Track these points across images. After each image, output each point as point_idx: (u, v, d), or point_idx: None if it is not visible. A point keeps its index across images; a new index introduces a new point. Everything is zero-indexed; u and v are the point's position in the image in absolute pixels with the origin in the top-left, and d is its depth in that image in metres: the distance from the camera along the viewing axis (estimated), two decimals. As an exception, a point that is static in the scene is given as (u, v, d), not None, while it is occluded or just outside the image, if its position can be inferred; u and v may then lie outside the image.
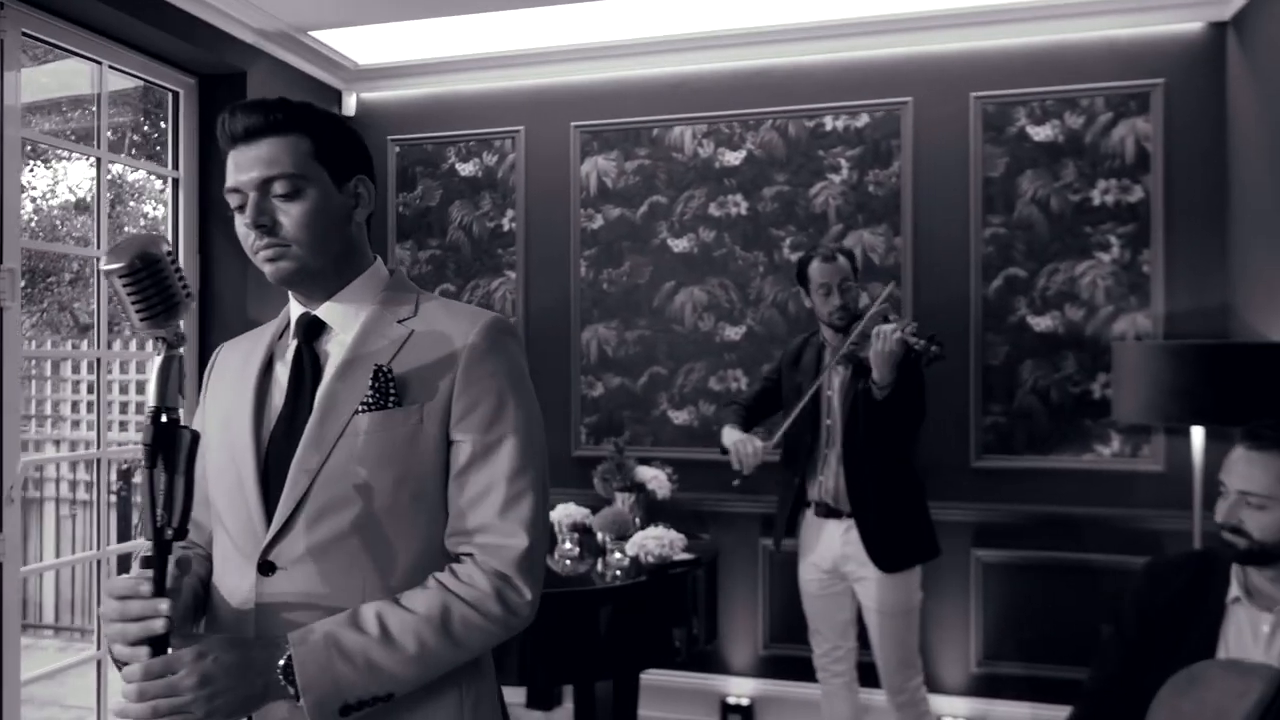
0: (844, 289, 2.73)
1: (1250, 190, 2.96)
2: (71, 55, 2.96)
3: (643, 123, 3.70)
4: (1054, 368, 3.32)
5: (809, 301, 2.82)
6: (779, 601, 3.53)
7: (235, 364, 1.33)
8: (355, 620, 1.12)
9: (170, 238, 3.43)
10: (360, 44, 3.71)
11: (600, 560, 2.66)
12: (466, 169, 3.90)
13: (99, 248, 3.10)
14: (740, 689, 3.57)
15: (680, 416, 3.67)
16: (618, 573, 2.49)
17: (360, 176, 1.29)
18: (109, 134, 3.08)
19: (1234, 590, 1.67)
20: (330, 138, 1.25)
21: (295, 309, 1.30)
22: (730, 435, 2.71)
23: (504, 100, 3.85)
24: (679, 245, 3.67)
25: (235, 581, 1.20)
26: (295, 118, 1.22)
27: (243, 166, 1.21)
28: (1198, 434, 2.88)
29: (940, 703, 3.37)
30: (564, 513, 2.83)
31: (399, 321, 1.26)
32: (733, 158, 3.62)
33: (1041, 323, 3.34)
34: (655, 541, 2.42)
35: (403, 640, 1.12)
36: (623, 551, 2.51)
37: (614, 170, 3.74)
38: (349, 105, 3.98)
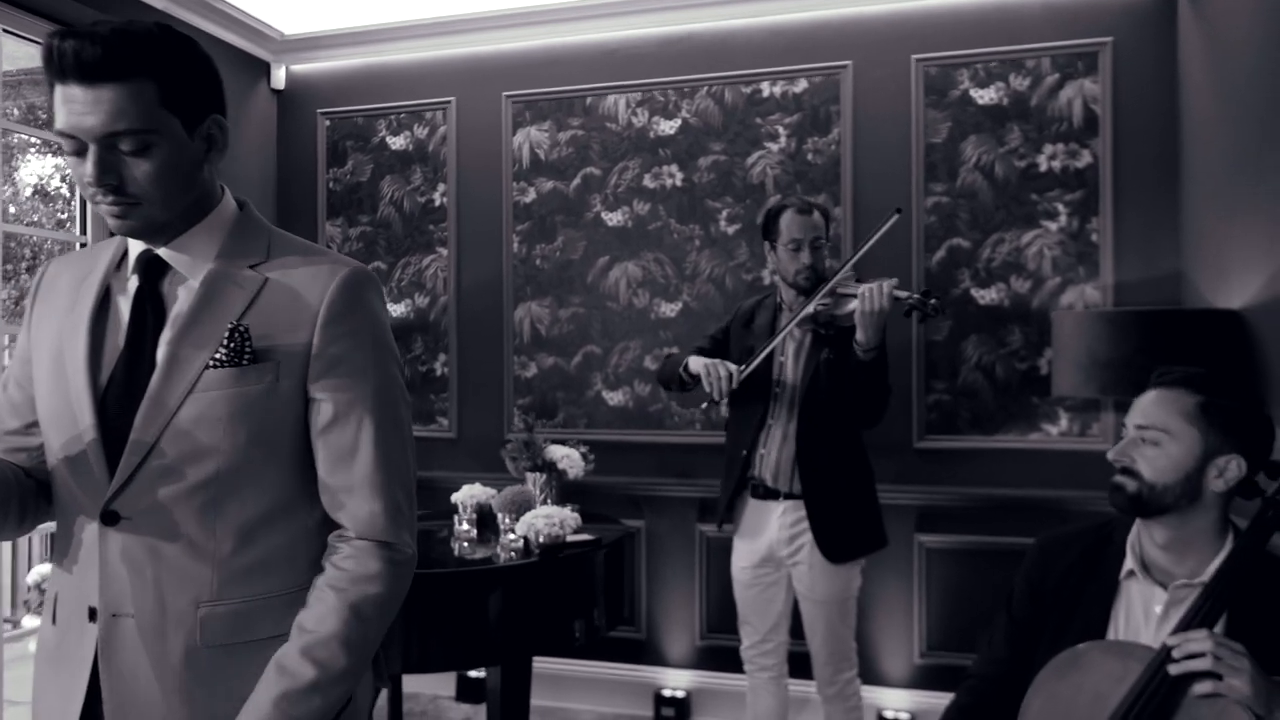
0: (815, 246, 2.52)
1: (1203, 153, 2.79)
2: (-41, 16, 2.84)
3: (576, 92, 3.55)
4: (999, 343, 3.16)
5: (772, 258, 2.60)
6: (716, 590, 3.38)
7: (66, 288, 1.23)
8: (288, 674, 1.11)
9: (78, 207, 3.30)
10: (286, 11, 3.58)
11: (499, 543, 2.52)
12: (397, 142, 3.77)
13: (-5, 219, 2.98)
14: (676, 681, 3.42)
15: (615, 397, 3.52)
16: (512, 554, 2.34)
17: (214, 117, 1.16)
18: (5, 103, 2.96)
19: (1128, 563, 1.51)
20: (181, 77, 1.10)
21: (135, 244, 1.20)
22: (699, 359, 2.51)
23: (435, 70, 3.71)
24: (613, 219, 3.53)
25: (77, 526, 1.17)
26: (141, 57, 1.06)
27: (79, 111, 1.06)
28: (1141, 408, 2.72)
29: (882, 695, 3.22)
30: (468, 493, 2.68)
31: (250, 267, 1.18)
32: (668, 127, 3.47)
33: (986, 295, 3.18)
34: (545, 521, 2.27)
35: (335, 661, 1.12)
36: (515, 533, 2.36)
37: (546, 141, 3.59)
38: (278, 78, 3.85)
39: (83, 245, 3.24)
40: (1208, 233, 2.77)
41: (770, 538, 2.52)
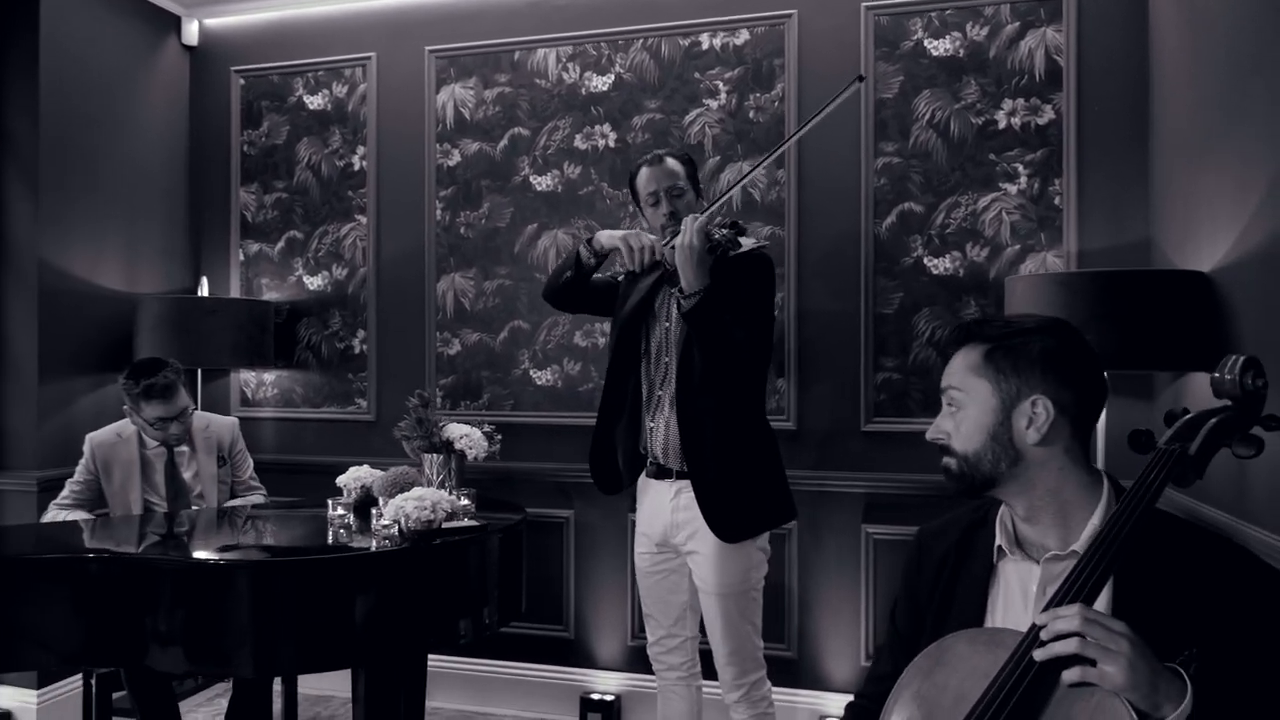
0: (674, 194, 2.30)
1: (1173, 107, 2.53)
2: None
3: (503, 46, 3.29)
4: (954, 316, 2.89)
5: (644, 222, 2.41)
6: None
7: None
8: None
9: (-48, 168, 3.04)
10: (191, -40, 3.32)
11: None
12: (315, 102, 3.50)
13: None
14: (605, 683, 3.15)
15: (543, 376, 3.25)
16: (385, 542, 2.07)
17: None
18: None
19: (998, 541, 1.26)
20: None
21: None
22: (610, 232, 2.34)
23: (354, 23, 3.45)
24: (542, 183, 3.26)
25: None
26: None
27: None
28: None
29: (825, 701, 2.95)
30: (353, 476, 2.42)
31: None
32: (600, 83, 3.21)
33: (940, 265, 2.91)
34: (415, 504, 2.00)
35: None
36: (386, 518, 2.09)
37: (472, 100, 3.33)
38: (190, 34, 3.59)
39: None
40: (1177, 193, 2.51)
41: (664, 521, 2.27)
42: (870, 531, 2.95)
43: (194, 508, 2.75)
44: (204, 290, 3.48)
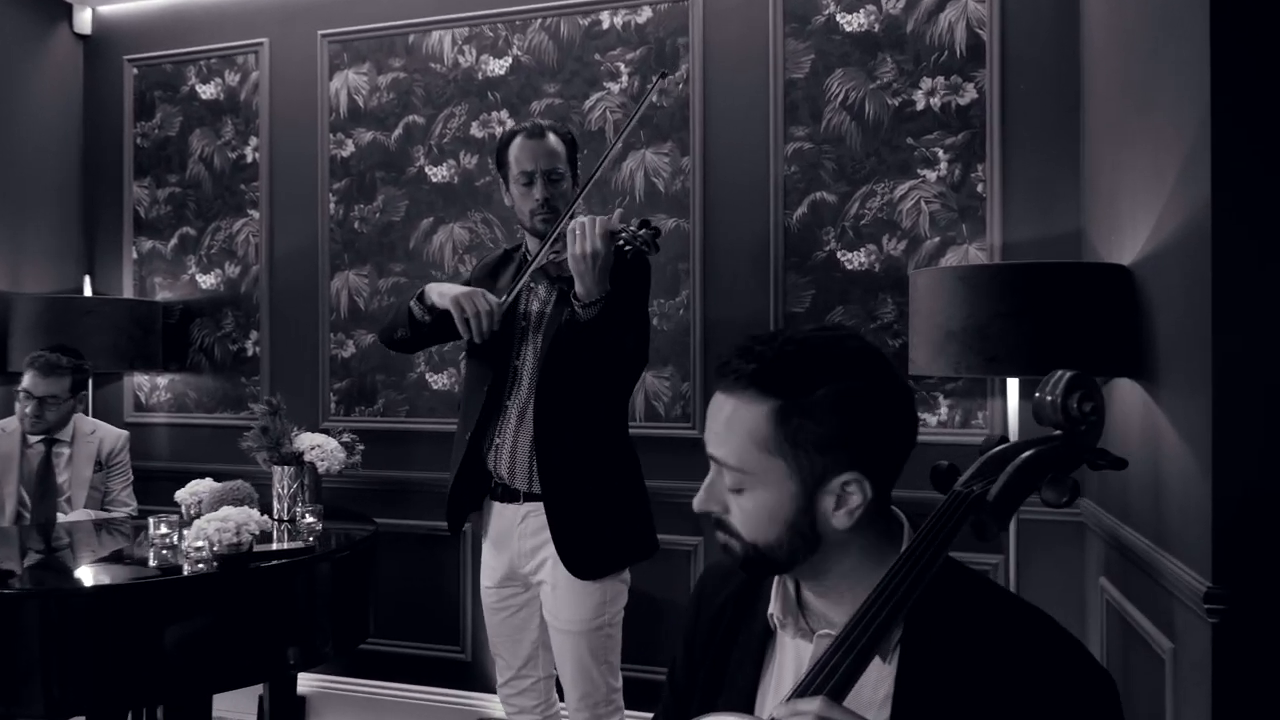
0: (553, 179, 2.02)
1: (1102, 86, 2.28)
2: None
3: (397, 29, 3.08)
4: (869, 315, 2.65)
5: (508, 198, 2.13)
6: None
7: None
8: None
9: None
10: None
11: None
12: (207, 91, 3.31)
13: None
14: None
15: (439, 380, 3.04)
16: (199, 566, 1.87)
17: None
18: None
19: (772, 607, 1.01)
20: None
21: None
22: (445, 286, 2.01)
23: (247, 8, 3.26)
24: (438, 174, 3.05)
25: None
26: None
27: None
28: (1013, 389, 2.21)
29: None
30: (190, 490, 2.22)
31: None
32: (497, 66, 2.99)
33: (854, 259, 2.67)
34: (219, 526, 1.80)
35: None
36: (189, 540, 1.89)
37: (366, 86, 3.13)
38: (82, 22, 3.41)
39: None
40: (1104, 179, 2.26)
41: (512, 549, 2.03)
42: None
43: (58, 513, 2.59)
44: (87, 290, 3.30)
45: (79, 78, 3.43)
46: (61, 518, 2.55)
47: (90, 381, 2.86)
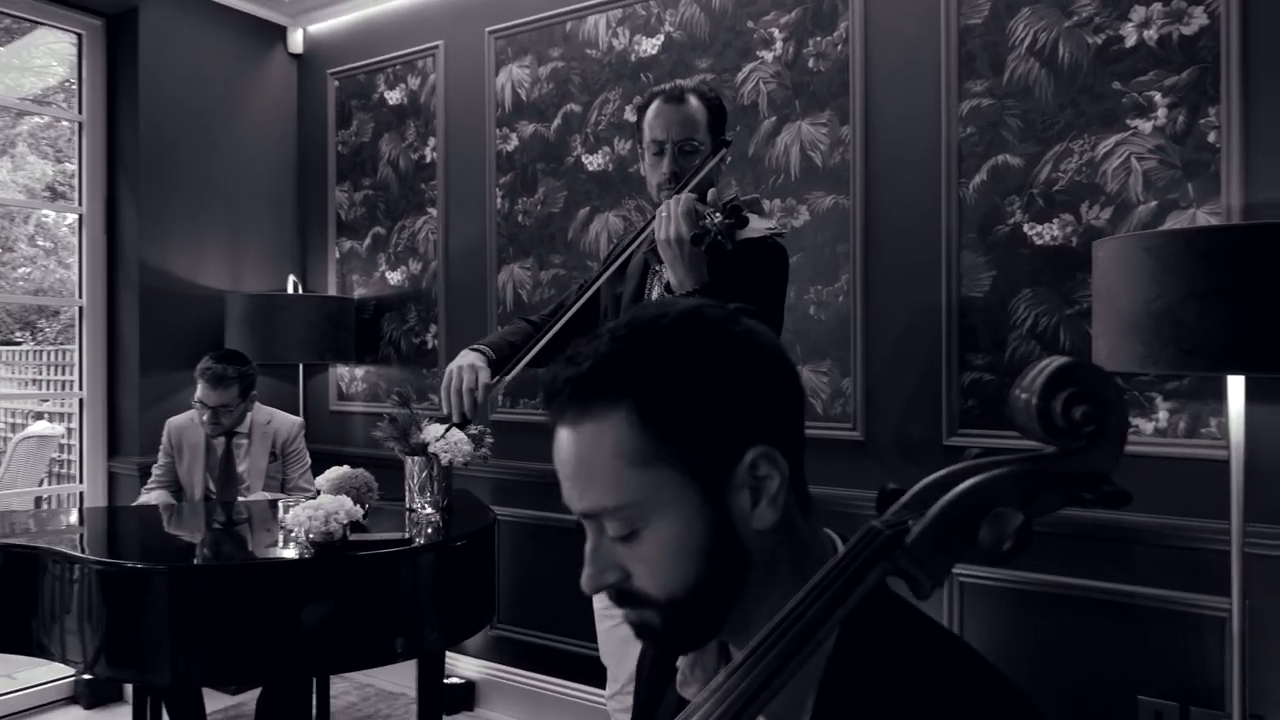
0: (685, 150, 1.79)
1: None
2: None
3: (556, 17, 3.04)
4: (1064, 298, 2.21)
5: (643, 168, 1.95)
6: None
7: None
8: None
9: (76, 184, 3.35)
10: (281, -31, 3.42)
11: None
12: (393, 97, 3.48)
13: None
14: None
15: (596, 374, 2.97)
16: (308, 550, 1.92)
17: None
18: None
19: (682, 666, 0.80)
20: None
21: None
22: (457, 360, 1.82)
23: (425, 12, 3.37)
24: (593, 162, 2.98)
25: None
26: None
27: None
28: (1235, 390, 1.74)
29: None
30: (326, 476, 2.29)
31: None
32: (649, 46, 2.86)
33: (1045, 232, 2.24)
34: (310, 514, 1.82)
35: None
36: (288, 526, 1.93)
37: (528, 79, 3.12)
38: (295, 42, 3.72)
39: (78, 217, 3.26)
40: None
41: None
42: (956, 573, 2.35)
43: (240, 497, 2.81)
44: (290, 288, 3.59)
45: (293, 94, 3.74)
46: (241, 500, 2.77)
47: (255, 377, 2.95)
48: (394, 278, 3.48)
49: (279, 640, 1.84)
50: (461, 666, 3.16)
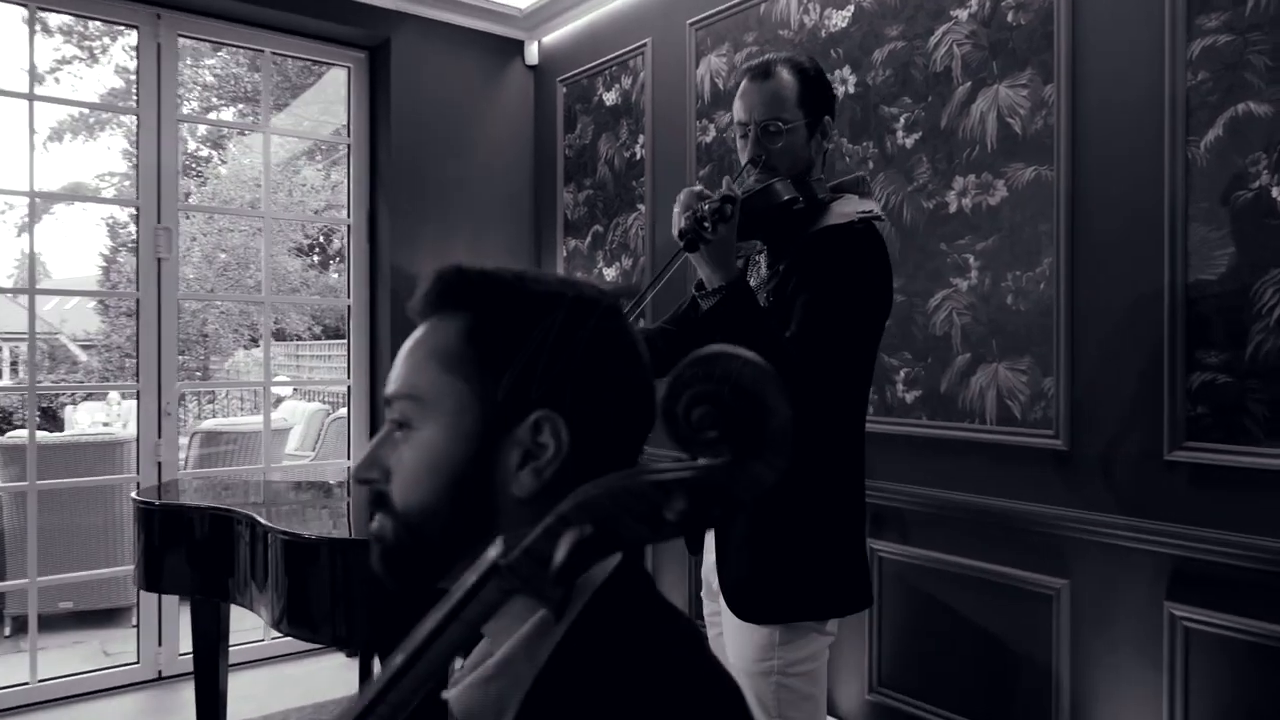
0: (769, 130, 1.63)
1: None
2: (235, 48, 3.52)
3: (751, 1, 2.94)
4: (1326, 281, 1.73)
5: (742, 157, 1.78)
6: (890, 629, 2.51)
7: None
8: None
9: (344, 201, 3.85)
10: (516, -13, 3.67)
11: None
12: (610, 98, 3.58)
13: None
14: None
15: (785, 369, 2.84)
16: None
17: None
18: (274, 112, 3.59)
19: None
20: None
21: None
22: None
23: (634, 11, 3.43)
24: (785, 148, 2.85)
25: None
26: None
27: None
28: None
29: (1099, 844, 2.04)
30: None
31: None
32: (839, 19, 2.67)
33: (1301, 197, 1.77)
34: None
35: None
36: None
37: (725, 68, 3.06)
38: (531, 55, 3.96)
39: (350, 228, 3.76)
40: None
41: (708, 561, 1.77)
42: (1177, 613, 1.95)
43: None
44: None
45: (530, 102, 3.99)
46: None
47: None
48: (610, 274, 3.60)
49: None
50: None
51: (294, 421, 6.46)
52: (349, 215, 3.78)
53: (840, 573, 1.58)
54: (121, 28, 3.51)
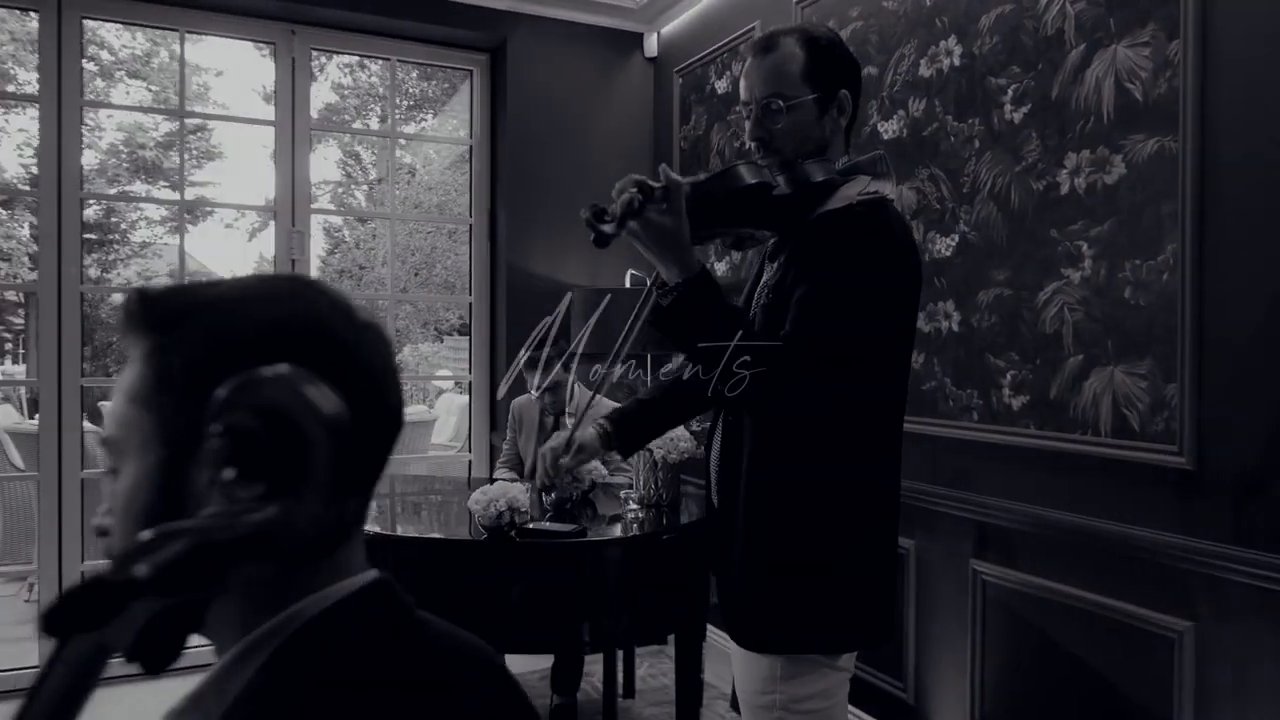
0: (771, 109, 1.45)
1: None
2: (364, 57, 3.70)
3: (855, -28, 2.74)
4: None
5: None
6: (996, 655, 2.27)
7: None
8: None
9: (467, 199, 3.95)
10: (628, -21, 3.62)
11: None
12: (721, 86, 3.45)
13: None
14: None
15: (888, 370, 2.62)
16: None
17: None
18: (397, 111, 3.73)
19: None
20: None
21: None
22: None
23: (743, -5, 3.29)
24: (889, 129, 2.62)
25: None
26: None
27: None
28: None
29: None
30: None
31: None
32: (945, -16, 2.42)
33: None
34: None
35: None
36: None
37: (829, 46, 2.86)
38: (650, 47, 3.90)
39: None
40: None
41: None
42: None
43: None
44: (626, 283, 3.77)
45: (649, 95, 3.93)
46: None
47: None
48: (721, 269, 3.48)
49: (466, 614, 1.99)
50: None
51: (448, 414, 6.76)
52: (470, 215, 3.88)
53: (853, 600, 1.41)
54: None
